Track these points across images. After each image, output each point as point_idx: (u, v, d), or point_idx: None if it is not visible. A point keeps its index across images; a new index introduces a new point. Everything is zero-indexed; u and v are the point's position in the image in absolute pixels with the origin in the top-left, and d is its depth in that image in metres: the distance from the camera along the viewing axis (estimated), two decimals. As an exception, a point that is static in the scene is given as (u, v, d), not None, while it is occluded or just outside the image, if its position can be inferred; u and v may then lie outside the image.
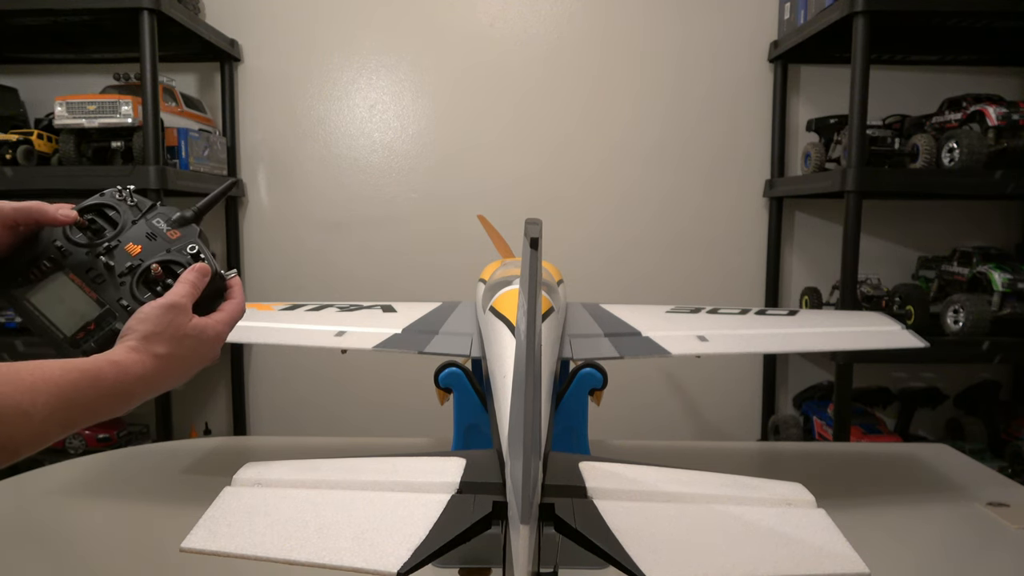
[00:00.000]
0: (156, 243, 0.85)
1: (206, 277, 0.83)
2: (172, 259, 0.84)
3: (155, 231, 0.86)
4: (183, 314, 0.78)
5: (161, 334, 0.76)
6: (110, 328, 0.81)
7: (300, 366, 2.75)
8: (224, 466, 0.85)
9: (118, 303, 0.82)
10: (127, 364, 0.72)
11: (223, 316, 0.83)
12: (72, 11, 2.12)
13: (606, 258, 2.69)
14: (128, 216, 0.87)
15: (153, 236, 0.86)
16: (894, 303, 2.27)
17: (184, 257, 0.84)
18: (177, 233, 0.86)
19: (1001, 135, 2.10)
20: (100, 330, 0.81)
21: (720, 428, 2.78)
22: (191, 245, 0.85)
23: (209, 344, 0.80)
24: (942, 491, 1.41)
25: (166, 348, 0.75)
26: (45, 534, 1.23)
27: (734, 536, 0.68)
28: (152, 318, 0.76)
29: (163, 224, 0.87)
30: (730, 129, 2.67)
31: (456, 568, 0.78)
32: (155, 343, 0.75)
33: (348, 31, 2.66)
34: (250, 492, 0.73)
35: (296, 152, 2.70)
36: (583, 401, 1.22)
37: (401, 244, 2.71)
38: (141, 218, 0.87)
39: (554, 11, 2.65)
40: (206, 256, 0.85)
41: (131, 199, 0.88)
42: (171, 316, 0.77)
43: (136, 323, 0.76)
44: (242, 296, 0.88)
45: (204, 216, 0.89)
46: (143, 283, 0.83)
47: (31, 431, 0.62)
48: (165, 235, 0.86)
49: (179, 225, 0.87)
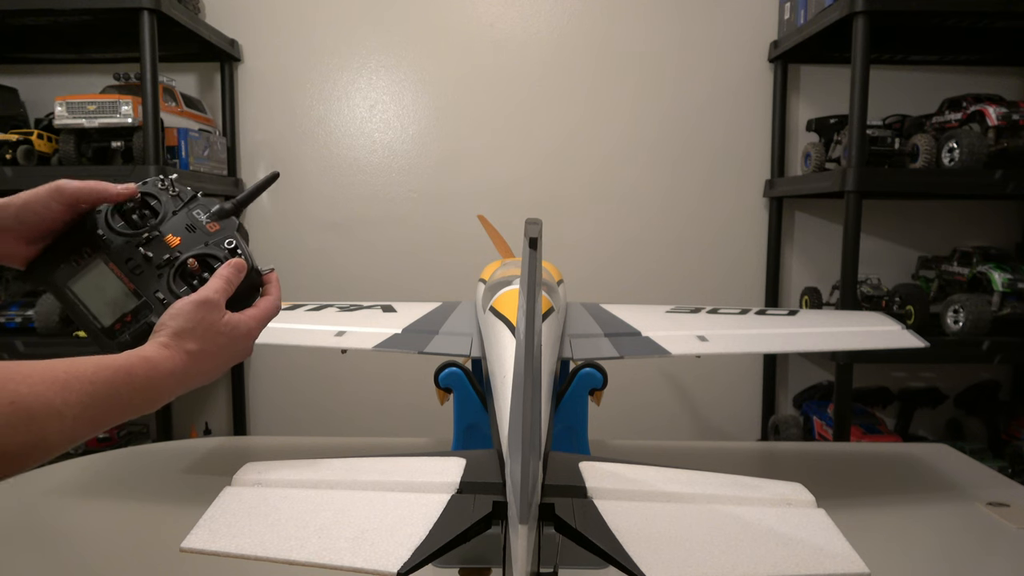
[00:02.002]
0: (195, 235, 0.84)
1: (241, 273, 0.82)
2: (209, 253, 0.83)
3: (195, 223, 0.85)
4: (216, 310, 0.77)
5: (193, 330, 0.75)
6: (146, 321, 0.80)
7: (300, 366, 2.75)
8: (224, 466, 0.85)
9: (154, 295, 0.81)
10: (158, 361, 0.71)
11: (256, 312, 0.83)
12: (72, 11, 2.11)
13: (606, 258, 2.69)
14: (170, 206, 0.85)
15: (192, 228, 0.85)
16: (894, 303, 2.27)
17: (221, 251, 0.83)
18: (216, 226, 0.85)
19: (1001, 135, 2.10)
20: (136, 322, 0.80)
21: (720, 428, 2.78)
22: (228, 240, 0.84)
23: (241, 341, 0.80)
24: (942, 491, 1.41)
25: (198, 345, 0.75)
26: (45, 534, 1.23)
27: (734, 536, 0.68)
28: (184, 314, 0.75)
29: (203, 216, 0.86)
30: (730, 129, 2.67)
31: (456, 568, 0.78)
32: (187, 339, 0.74)
33: (348, 31, 2.66)
34: (250, 492, 0.73)
35: (296, 152, 2.70)
36: (583, 401, 1.22)
37: (401, 244, 2.71)
38: (182, 208, 0.86)
39: (555, 11, 2.65)
40: (243, 251, 0.84)
41: (173, 188, 0.86)
42: (204, 312, 0.76)
43: (169, 319, 0.75)
44: (278, 293, 0.87)
45: (244, 209, 0.88)
46: (180, 276, 0.82)
47: (63, 429, 0.61)
48: (204, 227, 0.85)
49: (218, 218, 0.86)
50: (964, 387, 2.65)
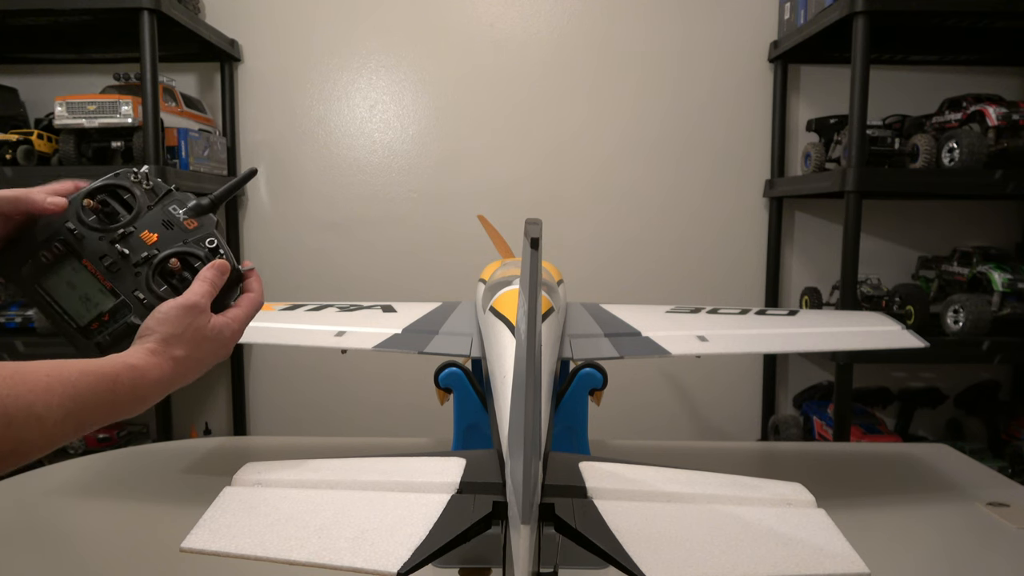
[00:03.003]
0: (173, 232, 0.81)
1: (225, 275, 0.81)
2: (189, 251, 0.80)
3: (172, 219, 0.82)
4: (203, 315, 0.76)
5: (180, 336, 0.74)
6: (125, 321, 0.78)
7: (300, 366, 2.75)
8: (224, 466, 0.85)
9: (133, 295, 0.79)
10: (145, 368, 0.70)
11: (240, 313, 0.81)
12: (72, 11, 2.11)
13: (606, 258, 2.69)
14: (144, 201, 0.82)
15: (170, 225, 0.82)
16: (894, 303, 2.27)
17: (202, 250, 0.81)
18: (194, 223, 0.82)
19: (1001, 135, 2.10)
20: (114, 322, 0.78)
21: (720, 428, 2.78)
22: (210, 239, 0.82)
23: (227, 343, 0.79)
24: (942, 491, 1.41)
25: (185, 351, 0.74)
26: (45, 534, 1.23)
27: (734, 536, 0.68)
28: (172, 319, 0.74)
29: (179, 212, 0.83)
30: (730, 129, 2.67)
31: (456, 568, 0.78)
32: (174, 346, 0.73)
33: (348, 31, 2.66)
34: (250, 492, 0.73)
35: (296, 152, 2.70)
36: (583, 401, 1.22)
37: (401, 244, 2.71)
38: (157, 204, 0.82)
39: (555, 12, 2.65)
40: (225, 251, 0.82)
41: (147, 182, 0.83)
42: (191, 318, 0.75)
43: (155, 324, 0.74)
44: (260, 289, 0.85)
45: (221, 205, 0.85)
46: (159, 275, 0.79)
47: (43, 434, 0.60)
48: (182, 224, 0.82)
49: (196, 214, 0.83)
50: (964, 387, 2.65)
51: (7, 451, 0.58)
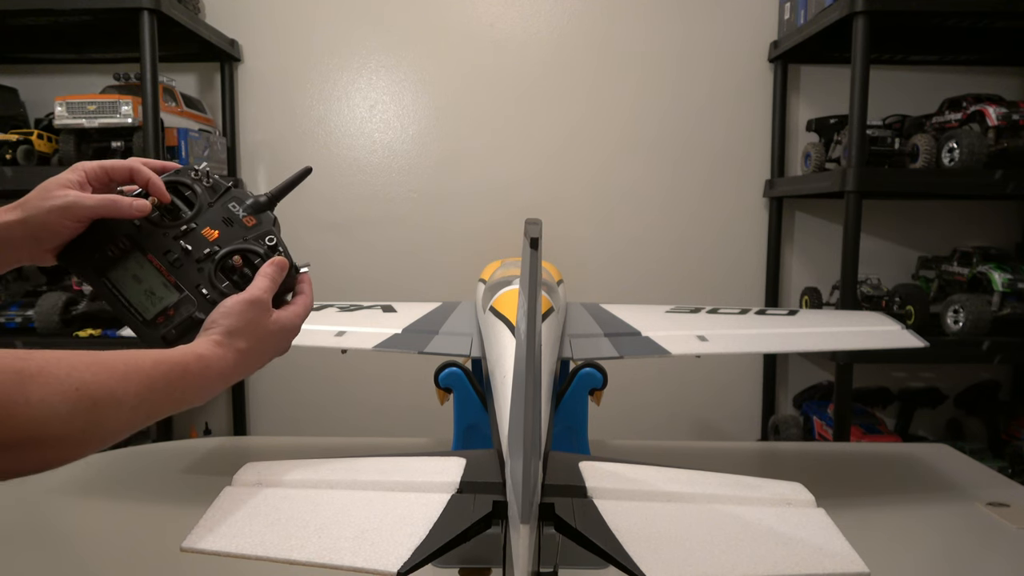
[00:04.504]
0: (233, 229, 0.83)
1: (284, 271, 0.83)
2: (250, 248, 0.82)
3: (231, 216, 0.84)
4: (266, 310, 0.79)
5: (243, 329, 0.76)
6: (189, 316, 0.79)
7: (300, 366, 2.75)
8: (224, 466, 0.85)
9: (197, 290, 0.80)
10: (211, 359, 0.73)
11: (299, 310, 0.84)
12: (72, 11, 2.11)
13: (606, 258, 2.69)
14: (205, 198, 0.84)
15: (230, 222, 0.83)
16: (894, 303, 2.27)
17: (262, 247, 0.82)
18: (253, 220, 0.84)
19: (1001, 135, 2.10)
20: (179, 316, 0.80)
21: (720, 428, 2.78)
22: (269, 236, 0.83)
23: (286, 338, 0.82)
24: (942, 491, 1.41)
25: (248, 343, 0.77)
26: (45, 534, 1.23)
27: (734, 536, 0.68)
28: (236, 313, 0.76)
29: (238, 209, 0.84)
30: (730, 129, 2.67)
31: (456, 568, 0.78)
32: (238, 338, 0.76)
33: (348, 31, 2.66)
34: (250, 492, 0.73)
35: (296, 152, 2.70)
36: (583, 401, 1.22)
37: (401, 244, 2.71)
38: (217, 200, 0.84)
39: (555, 11, 2.65)
40: (283, 249, 0.83)
41: (207, 179, 0.85)
42: (254, 312, 0.77)
43: (220, 317, 0.77)
44: (311, 291, 0.88)
45: (278, 202, 0.87)
46: (222, 271, 0.81)
47: (120, 418, 0.63)
48: (241, 221, 0.84)
49: (254, 211, 0.85)
50: (964, 387, 2.65)
51: (89, 433, 0.62)
